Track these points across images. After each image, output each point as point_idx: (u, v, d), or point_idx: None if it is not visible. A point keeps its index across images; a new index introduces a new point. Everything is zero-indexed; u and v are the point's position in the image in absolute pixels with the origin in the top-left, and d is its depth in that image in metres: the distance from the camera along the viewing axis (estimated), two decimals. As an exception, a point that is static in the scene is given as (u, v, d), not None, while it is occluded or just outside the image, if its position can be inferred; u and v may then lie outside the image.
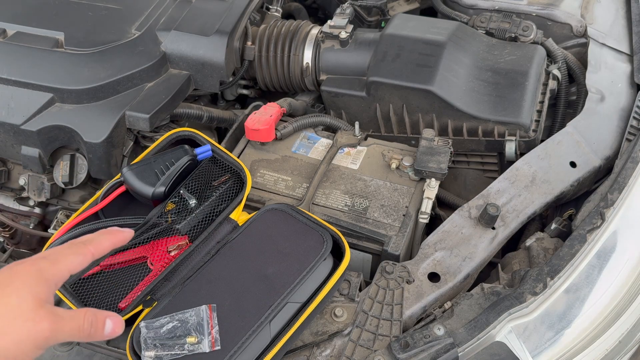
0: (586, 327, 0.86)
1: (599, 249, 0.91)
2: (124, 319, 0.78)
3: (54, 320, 0.53)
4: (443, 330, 0.79)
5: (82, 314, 0.56)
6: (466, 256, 0.91)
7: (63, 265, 0.57)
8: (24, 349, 0.52)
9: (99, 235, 0.62)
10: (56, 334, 0.53)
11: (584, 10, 1.28)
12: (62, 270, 0.57)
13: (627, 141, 1.06)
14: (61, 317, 0.54)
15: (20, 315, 0.52)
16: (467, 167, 1.17)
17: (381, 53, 1.14)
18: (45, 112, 1.03)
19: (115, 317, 0.59)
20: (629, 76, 1.17)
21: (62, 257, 0.57)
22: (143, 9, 1.17)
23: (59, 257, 0.57)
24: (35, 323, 0.52)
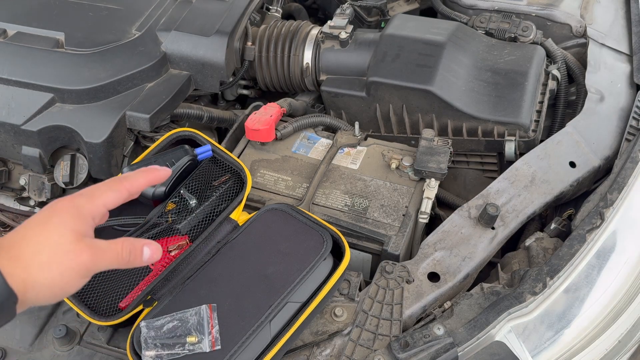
0: (586, 326, 0.86)
1: (599, 248, 0.91)
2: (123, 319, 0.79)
3: (94, 251, 0.57)
4: (443, 330, 0.79)
5: (119, 244, 0.60)
6: (466, 256, 0.91)
7: (99, 200, 0.60)
8: (69, 279, 0.56)
9: (136, 172, 0.66)
10: (97, 264, 0.58)
11: (584, 11, 1.29)
12: (98, 206, 0.60)
13: (627, 141, 1.06)
14: (100, 247, 0.58)
15: (62, 249, 0.56)
16: (466, 167, 1.18)
17: (381, 53, 1.14)
18: (45, 112, 1.03)
19: (153, 244, 0.62)
20: (628, 76, 1.17)
21: (98, 192, 0.61)
22: (143, 9, 1.17)
23: (95, 193, 0.61)
24: (76, 255, 0.56)
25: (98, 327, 0.86)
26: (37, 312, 0.88)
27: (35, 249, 0.55)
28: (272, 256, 0.82)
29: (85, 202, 0.60)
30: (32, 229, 0.57)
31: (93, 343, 0.86)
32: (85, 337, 0.86)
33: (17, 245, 0.55)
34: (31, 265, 0.54)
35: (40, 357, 0.85)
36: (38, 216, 0.58)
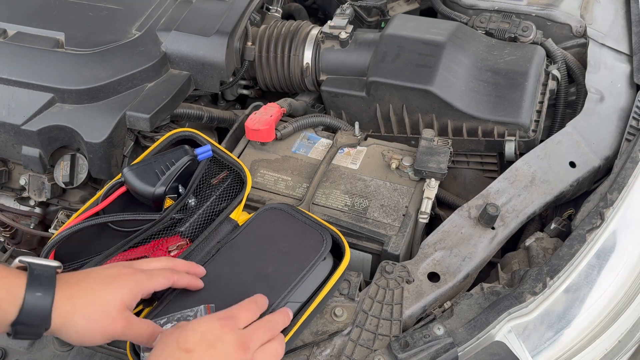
0: (586, 326, 0.86)
1: (599, 248, 0.91)
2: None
3: (127, 325, 0.66)
4: (443, 330, 0.79)
5: (145, 325, 0.69)
6: (466, 256, 0.91)
7: (154, 283, 0.71)
8: (96, 337, 0.65)
9: (184, 274, 0.75)
10: (123, 334, 0.66)
11: (584, 11, 1.29)
12: (150, 288, 0.70)
13: (627, 141, 1.06)
14: (133, 323, 0.67)
15: (107, 312, 0.64)
16: (466, 167, 1.18)
17: (381, 53, 1.14)
18: (45, 112, 1.03)
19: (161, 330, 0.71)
20: (628, 76, 1.17)
21: (156, 276, 0.71)
22: (143, 9, 1.17)
23: (154, 276, 0.71)
24: (114, 322, 0.65)
25: (98, 327, 0.86)
26: (37, 312, 0.88)
27: (89, 300, 0.64)
28: (272, 256, 0.82)
29: (144, 281, 0.69)
30: (96, 281, 0.66)
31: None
32: (85, 337, 0.86)
33: (77, 287, 0.64)
34: (77, 311, 0.63)
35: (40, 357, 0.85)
36: (107, 271, 0.68)
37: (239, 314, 0.68)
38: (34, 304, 0.60)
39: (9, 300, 0.59)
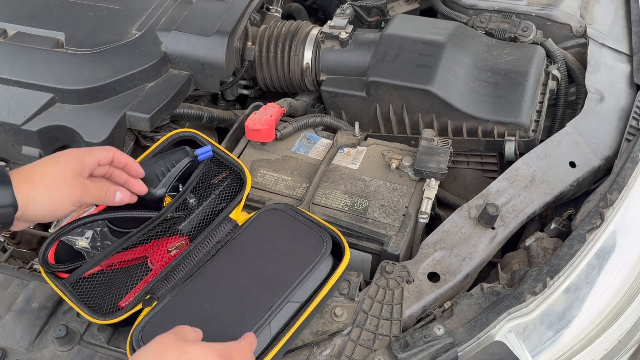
0: (586, 326, 0.86)
1: (599, 248, 0.91)
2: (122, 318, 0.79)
3: (83, 187, 0.74)
4: (443, 330, 0.79)
5: (99, 186, 0.77)
6: (466, 256, 0.91)
7: (95, 155, 0.78)
8: (62, 202, 0.72)
9: (124, 154, 0.83)
10: (84, 197, 0.74)
11: (584, 11, 1.29)
12: (93, 158, 0.78)
13: (627, 141, 1.06)
14: (88, 186, 0.75)
15: (63, 179, 0.73)
16: (466, 167, 1.18)
17: (381, 53, 1.14)
18: (45, 112, 1.03)
19: (124, 191, 0.81)
20: (628, 76, 1.17)
21: (94, 150, 0.79)
22: (143, 9, 1.17)
23: (93, 150, 0.79)
24: (72, 186, 0.73)
25: (98, 327, 0.86)
26: (37, 312, 0.88)
27: (43, 173, 0.72)
28: (272, 256, 0.81)
29: (85, 153, 0.77)
30: (43, 162, 0.74)
31: (93, 343, 0.86)
32: (85, 337, 0.86)
33: (29, 170, 0.72)
34: (37, 184, 0.70)
35: (41, 357, 0.85)
36: (50, 156, 0.76)
37: (237, 357, 0.67)
38: None
39: None
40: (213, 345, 0.66)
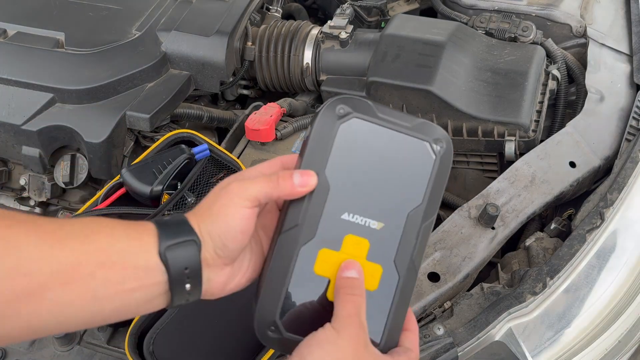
0: (586, 326, 0.86)
1: (599, 248, 0.91)
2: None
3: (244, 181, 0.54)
4: (443, 330, 0.79)
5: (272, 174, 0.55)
6: (466, 256, 0.91)
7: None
8: (234, 208, 0.52)
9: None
10: (252, 187, 0.53)
11: (584, 11, 1.28)
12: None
13: (627, 141, 1.06)
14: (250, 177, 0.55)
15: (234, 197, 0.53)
16: (466, 167, 1.18)
17: (381, 53, 1.14)
18: (45, 112, 1.03)
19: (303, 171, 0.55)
20: (628, 76, 1.17)
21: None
22: (143, 9, 1.17)
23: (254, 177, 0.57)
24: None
25: (98, 327, 0.86)
26: (37, 312, 0.88)
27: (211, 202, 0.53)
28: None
29: (244, 170, 0.59)
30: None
31: (93, 343, 0.86)
32: (85, 337, 0.86)
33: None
34: (208, 209, 0.52)
35: (41, 357, 0.85)
36: None
37: None
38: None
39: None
40: None
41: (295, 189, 0.52)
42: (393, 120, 0.53)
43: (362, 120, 0.53)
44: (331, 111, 0.53)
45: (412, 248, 0.54)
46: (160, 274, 0.49)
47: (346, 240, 0.53)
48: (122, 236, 0.49)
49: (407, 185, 0.54)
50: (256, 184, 0.52)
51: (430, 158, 0.54)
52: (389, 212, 0.54)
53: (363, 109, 0.53)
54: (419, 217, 0.54)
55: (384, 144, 0.53)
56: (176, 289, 0.49)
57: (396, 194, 0.54)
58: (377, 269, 0.53)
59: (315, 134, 0.53)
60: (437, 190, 0.54)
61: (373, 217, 0.53)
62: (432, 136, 0.54)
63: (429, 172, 0.54)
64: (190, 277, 0.50)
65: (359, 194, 0.53)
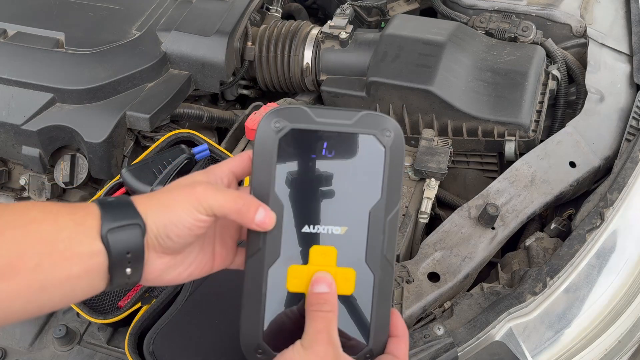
0: (586, 326, 0.86)
1: (599, 248, 0.91)
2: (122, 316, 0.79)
3: (207, 186, 0.52)
4: (443, 330, 0.79)
5: (236, 193, 0.54)
6: (466, 256, 0.91)
7: (225, 165, 0.57)
8: (183, 206, 0.51)
9: None
10: (207, 197, 0.51)
11: (584, 11, 1.28)
12: (224, 168, 0.57)
13: (627, 141, 1.06)
14: (216, 186, 0.54)
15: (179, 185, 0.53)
16: (466, 167, 1.18)
17: (381, 53, 1.14)
18: (45, 112, 1.03)
19: (267, 209, 0.53)
20: (628, 76, 1.17)
21: (224, 162, 0.58)
22: (143, 9, 1.17)
23: (222, 162, 0.58)
24: (192, 188, 0.52)
25: (98, 327, 0.86)
26: (37, 312, 0.88)
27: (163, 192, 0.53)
28: None
29: (213, 166, 0.57)
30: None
31: (93, 343, 0.86)
32: (85, 337, 0.86)
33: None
34: (156, 195, 0.52)
35: (41, 357, 0.85)
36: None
37: None
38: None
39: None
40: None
41: (252, 225, 0.51)
42: (333, 122, 0.52)
43: (300, 130, 0.51)
44: (267, 126, 0.51)
45: (381, 244, 0.52)
46: (102, 258, 0.48)
47: (312, 252, 0.52)
48: (67, 222, 0.48)
49: (362, 183, 0.52)
50: (219, 199, 0.51)
51: (380, 150, 0.52)
52: (350, 215, 0.52)
53: (299, 118, 0.51)
54: (382, 211, 0.52)
55: (329, 147, 0.52)
56: (116, 273, 0.49)
57: (353, 194, 0.52)
58: (350, 272, 0.52)
59: (257, 152, 0.51)
60: (394, 181, 0.52)
61: (334, 224, 0.52)
62: (378, 127, 0.52)
63: (381, 164, 0.52)
64: (131, 261, 0.49)
65: (315, 204, 0.52)
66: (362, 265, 0.52)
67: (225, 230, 0.57)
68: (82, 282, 0.48)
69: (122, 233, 0.48)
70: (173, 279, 0.54)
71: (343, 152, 0.52)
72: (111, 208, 0.49)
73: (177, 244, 0.51)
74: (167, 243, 0.50)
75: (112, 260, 0.48)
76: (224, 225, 0.57)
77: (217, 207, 0.50)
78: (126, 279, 0.50)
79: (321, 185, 0.52)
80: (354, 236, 0.52)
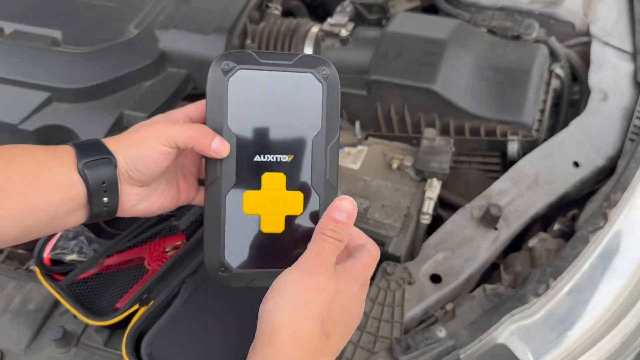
0: (589, 328, 0.85)
1: (602, 249, 0.90)
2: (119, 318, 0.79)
3: (167, 118, 0.63)
4: (445, 332, 0.78)
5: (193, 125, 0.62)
6: (468, 257, 0.90)
7: (182, 110, 0.66)
8: (149, 139, 0.59)
9: None
10: (168, 126, 0.60)
11: (587, 9, 1.28)
12: (181, 112, 0.65)
13: (630, 141, 1.05)
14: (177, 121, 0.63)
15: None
16: (469, 167, 1.17)
17: (382, 51, 1.13)
18: (42, 112, 1.02)
19: (222, 139, 0.60)
20: (632, 75, 1.16)
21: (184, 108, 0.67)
22: (141, 7, 1.16)
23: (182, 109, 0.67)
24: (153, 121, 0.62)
25: (95, 329, 0.85)
26: (33, 314, 0.87)
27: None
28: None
29: (172, 111, 0.66)
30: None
31: (90, 345, 0.85)
32: (83, 339, 0.85)
33: None
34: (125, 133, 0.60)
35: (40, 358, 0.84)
36: None
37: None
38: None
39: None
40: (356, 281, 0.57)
41: (209, 152, 0.57)
42: (276, 62, 0.59)
43: (248, 70, 0.59)
44: (217, 68, 0.59)
45: (324, 169, 0.60)
46: (80, 188, 0.55)
47: (264, 178, 0.59)
48: (45, 156, 0.55)
49: (304, 116, 0.59)
50: (179, 130, 0.58)
51: (318, 86, 0.60)
52: (295, 144, 0.59)
53: (246, 60, 0.59)
54: (322, 140, 0.59)
55: (274, 85, 0.59)
56: (94, 201, 0.56)
57: (297, 126, 0.59)
58: (298, 195, 0.60)
59: (209, 92, 0.59)
60: (332, 113, 0.60)
61: (282, 152, 0.59)
62: (314, 66, 0.59)
63: (320, 98, 0.60)
64: (107, 190, 0.56)
65: (264, 135, 0.59)
66: (308, 188, 0.60)
67: (185, 167, 0.65)
68: (63, 209, 0.54)
69: (96, 166, 0.55)
70: (146, 209, 0.61)
71: (286, 89, 0.59)
72: (84, 147, 0.56)
73: (146, 175, 0.58)
74: (136, 175, 0.57)
75: (90, 190, 0.55)
76: (184, 163, 0.65)
77: (178, 137, 0.57)
78: (104, 207, 0.57)
79: (268, 119, 0.59)
80: (299, 163, 0.60)
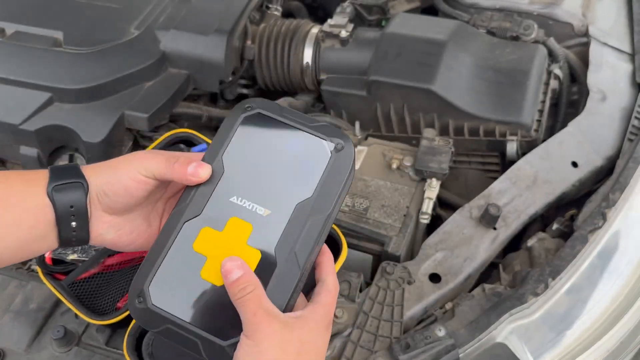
0: (588, 328, 0.85)
1: (601, 249, 0.90)
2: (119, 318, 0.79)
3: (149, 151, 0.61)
4: (444, 331, 0.79)
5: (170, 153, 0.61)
6: (467, 257, 0.90)
7: None
8: (124, 165, 0.58)
9: None
10: (147, 155, 0.58)
11: (585, 9, 1.28)
12: None
13: (629, 141, 1.05)
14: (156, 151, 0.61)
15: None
16: (468, 167, 1.17)
17: (382, 52, 1.14)
18: (43, 112, 1.02)
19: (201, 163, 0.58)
20: (630, 76, 1.17)
21: None
22: (142, 7, 1.16)
23: None
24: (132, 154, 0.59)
25: (96, 328, 0.85)
26: (35, 313, 0.88)
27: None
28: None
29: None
30: None
31: (91, 344, 0.85)
32: (84, 338, 0.86)
33: None
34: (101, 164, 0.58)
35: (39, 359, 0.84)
36: None
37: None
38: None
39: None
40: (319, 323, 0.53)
41: (187, 177, 0.55)
42: (296, 119, 0.56)
43: (265, 115, 0.57)
44: (240, 106, 0.57)
45: (295, 238, 0.53)
46: (49, 211, 0.54)
47: (230, 222, 0.53)
48: (17, 181, 0.55)
49: (299, 178, 0.55)
50: (155, 161, 0.56)
51: (326, 155, 0.55)
52: (278, 201, 0.54)
53: (269, 108, 0.57)
54: (307, 209, 0.53)
55: (283, 137, 0.56)
56: (62, 226, 0.54)
57: (287, 184, 0.55)
58: (255, 254, 0.53)
59: (223, 125, 0.57)
60: (331, 187, 0.54)
61: (261, 204, 0.54)
62: (331, 136, 0.56)
63: (323, 167, 0.55)
64: (75, 214, 0.54)
65: (251, 180, 0.55)
66: (269, 252, 0.53)
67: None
68: (33, 234, 0.54)
69: (65, 190, 0.54)
70: (113, 240, 0.58)
71: (293, 145, 0.56)
72: (59, 171, 0.56)
73: (116, 202, 0.56)
74: (105, 200, 0.55)
75: (57, 213, 0.54)
76: (174, 202, 0.61)
77: (154, 167, 0.55)
78: (72, 231, 0.55)
79: (262, 166, 0.56)
80: (273, 222, 0.54)
